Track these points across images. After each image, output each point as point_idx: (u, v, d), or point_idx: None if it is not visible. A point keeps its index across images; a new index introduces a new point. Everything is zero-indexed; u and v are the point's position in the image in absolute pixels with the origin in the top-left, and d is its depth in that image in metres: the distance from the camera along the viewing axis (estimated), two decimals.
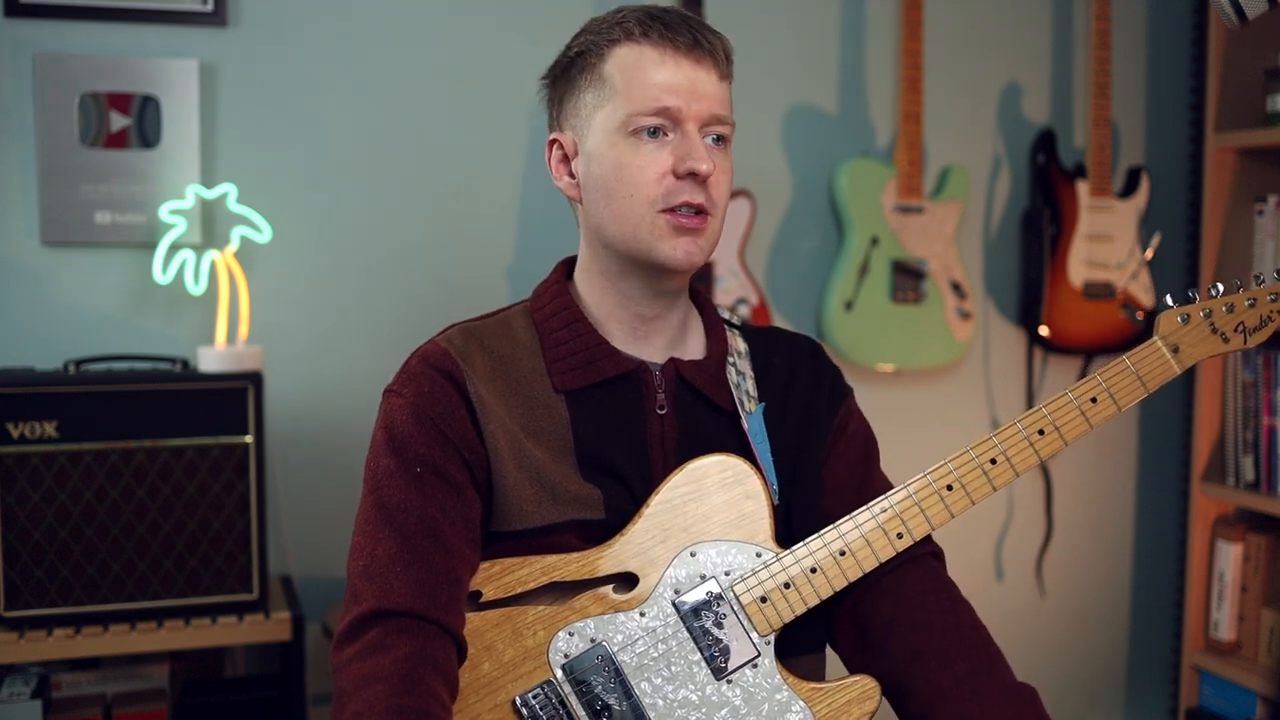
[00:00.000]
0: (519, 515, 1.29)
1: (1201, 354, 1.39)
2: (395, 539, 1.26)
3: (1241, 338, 1.39)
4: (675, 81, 1.29)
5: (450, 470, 1.29)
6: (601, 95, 1.31)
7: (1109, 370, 1.36)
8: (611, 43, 1.32)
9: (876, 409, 2.83)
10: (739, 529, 1.32)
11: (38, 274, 2.28)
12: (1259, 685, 2.60)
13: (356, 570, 1.27)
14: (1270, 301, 1.40)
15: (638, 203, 1.30)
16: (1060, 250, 2.82)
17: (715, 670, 1.29)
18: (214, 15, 2.33)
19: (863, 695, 1.31)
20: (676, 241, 1.30)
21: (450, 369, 1.32)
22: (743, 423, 1.37)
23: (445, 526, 1.27)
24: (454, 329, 1.38)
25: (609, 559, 1.30)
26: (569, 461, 1.32)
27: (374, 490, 1.30)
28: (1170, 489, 3.13)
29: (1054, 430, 1.35)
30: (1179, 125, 3.05)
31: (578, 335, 1.36)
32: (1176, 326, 1.38)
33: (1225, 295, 1.40)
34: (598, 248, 1.37)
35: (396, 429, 1.30)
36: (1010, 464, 1.34)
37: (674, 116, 1.29)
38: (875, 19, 2.77)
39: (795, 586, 1.31)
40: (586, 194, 1.35)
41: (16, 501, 2.01)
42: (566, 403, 1.34)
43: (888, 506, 1.33)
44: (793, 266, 2.75)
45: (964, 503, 1.34)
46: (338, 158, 2.44)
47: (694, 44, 1.30)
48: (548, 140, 1.39)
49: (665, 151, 1.30)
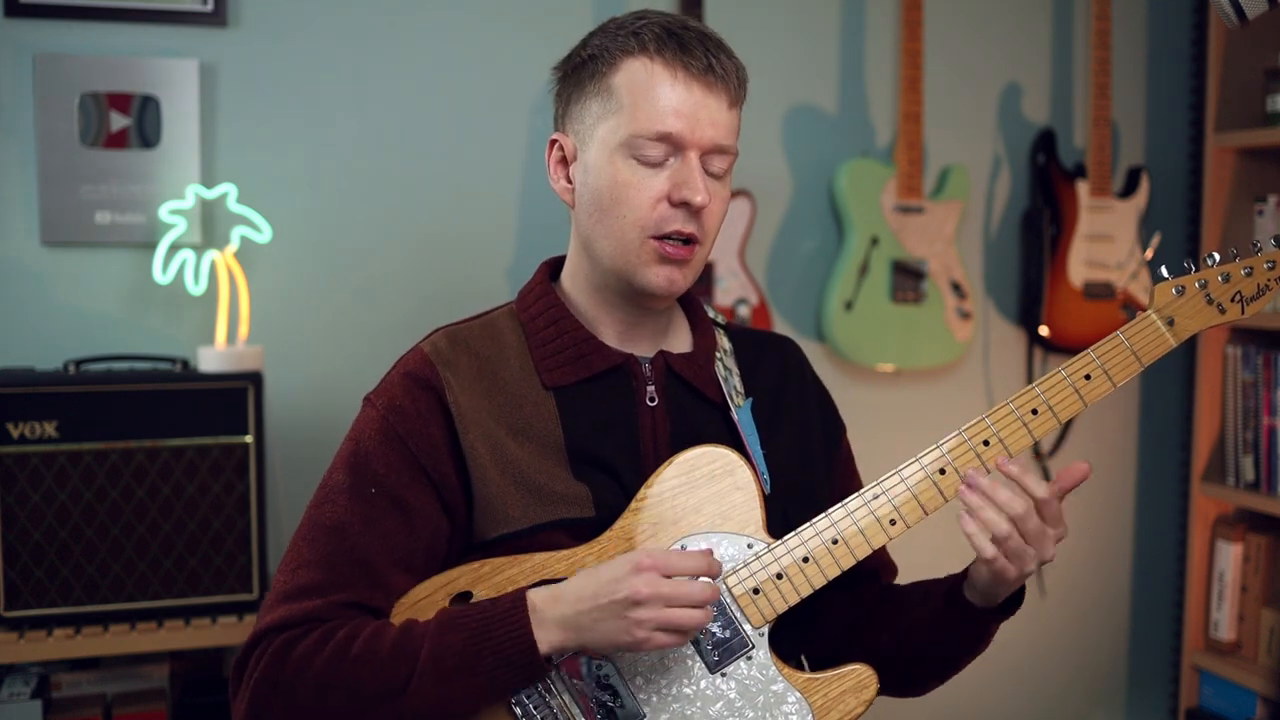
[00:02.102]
0: (504, 520, 1.29)
1: (1198, 325, 1.35)
2: (319, 566, 1.26)
3: (1239, 308, 1.35)
4: (682, 106, 1.27)
5: (406, 494, 1.29)
6: (607, 107, 1.30)
7: (1103, 346, 1.33)
8: (625, 53, 1.29)
9: (876, 409, 2.86)
10: (730, 520, 1.32)
11: (38, 274, 2.29)
12: (1259, 685, 2.60)
13: (275, 589, 1.28)
14: (1267, 269, 1.35)
15: (629, 225, 1.29)
16: (1060, 250, 2.82)
17: (709, 664, 1.29)
18: (214, 15, 2.33)
19: (859, 684, 1.31)
20: (660, 269, 1.30)
21: (429, 379, 1.32)
22: (732, 414, 1.37)
23: (377, 555, 1.27)
24: (439, 333, 1.38)
25: (599, 555, 1.30)
26: (559, 459, 1.31)
27: (318, 506, 1.31)
28: (1170, 489, 3.13)
29: (1047, 409, 1.32)
30: (1179, 125, 3.05)
31: (565, 332, 1.36)
32: (1171, 299, 1.34)
33: (1221, 265, 1.35)
34: (585, 255, 1.36)
35: (361, 444, 1.31)
36: (1004, 445, 1.32)
37: (676, 142, 1.28)
38: (875, 19, 2.77)
39: (788, 577, 1.30)
40: (580, 203, 1.34)
41: (16, 501, 2.01)
42: (555, 399, 1.34)
43: (880, 492, 1.31)
44: (793, 266, 2.75)
45: (957, 487, 1.32)
46: (338, 158, 2.44)
47: (707, 69, 1.28)
48: (549, 138, 1.37)
49: (663, 176, 1.28)
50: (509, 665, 1.20)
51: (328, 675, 1.21)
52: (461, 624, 1.21)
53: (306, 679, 1.21)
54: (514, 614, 1.20)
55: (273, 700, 1.22)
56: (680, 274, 1.31)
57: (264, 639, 1.24)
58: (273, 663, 1.22)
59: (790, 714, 1.29)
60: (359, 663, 1.21)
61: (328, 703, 1.21)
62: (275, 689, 1.22)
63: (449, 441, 1.30)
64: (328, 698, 1.21)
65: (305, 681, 1.21)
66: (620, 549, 1.29)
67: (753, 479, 1.32)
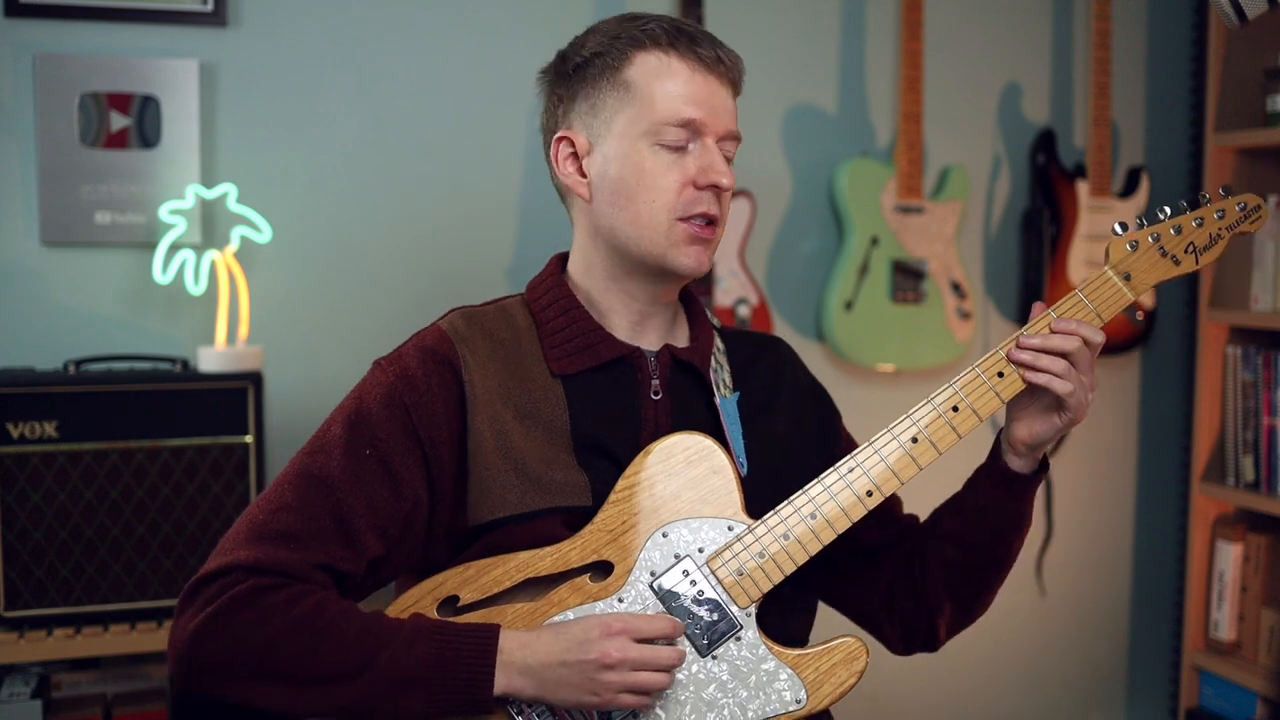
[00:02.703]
0: (500, 503, 1.31)
1: (1154, 279, 1.38)
2: (300, 514, 1.27)
3: (1193, 258, 1.39)
4: (699, 94, 1.34)
5: (397, 463, 1.30)
6: (624, 100, 1.34)
7: (1063, 304, 1.36)
8: (636, 48, 1.35)
9: (876, 409, 2.84)
10: (708, 504, 1.33)
11: (38, 274, 2.29)
12: (1259, 685, 2.60)
13: (250, 521, 1.28)
14: (1217, 219, 1.39)
15: (658, 209, 1.34)
16: (1060, 250, 2.83)
17: (699, 648, 1.30)
18: (214, 15, 2.33)
19: (849, 656, 1.32)
20: (690, 249, 1.35)
21: (447, 354, 1.34)
22: (715, 400, 1.40)
23: (359, 515, 1.28)
24: (455, 312, 1.41)
25: (581, 549, 1.31)
26: (564, 444, 1.33)
27: (310, 454, 1.32)
28: (1170, 489, 3.13)
29: (1014, 372, 1.35)
30: (1179, 125, 3.05)
31: (574, 322, 1.39)
32: (1126, 254, 1.38)
33: (1172, 218, 1.39)
34: (601, 247, 1.39)
35: (365, 403, 1.33)
36: (973, 410, 1.35)
37: (697, 128, 1.34)
38: (875, 19, 2.77)
39: (770, 556, 1.31)
40: (599, 195, 1.37)
41: (16, 501, 2.01)
42: (564, 386, 1.36)
43: (854, 465, 1.34)
44: (793, 266, 2.75)
45: (930, 454, 1.34)
46: (338, 158, 2.44)
47: (716, 60, 1.35)
48: (555, 137, 1.40)
49: (686, 161, 1.34)
50: (459, 695, 1.23)
51: (284, 637, 1.22)
52: (429, 640, 1.23)
53: (263, 632, 1.22)
54: (482, 648, 1.23)
55: (219, 636, 1.23)
56: (706, 254, 1.37)
57: (232, 573, 1.25)
58: (233, 603, 1.23)
59: (783, 690, 1.30)
60: (318, 638, 1.22)
61: (273, 663, 1.23)
62: (228, 628, 1.23)
63: (455, 419, 1.32)
64: (275, 658, 1.23)
65: (261, 634, 1.23)
66: (602, 541, 1.31)
67: (728, 463, 1.34)
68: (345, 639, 1.23)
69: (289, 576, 1.25)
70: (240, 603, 1.23)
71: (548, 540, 1.31)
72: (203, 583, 1.26)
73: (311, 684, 1.23)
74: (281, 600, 1.23)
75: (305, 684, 1.23)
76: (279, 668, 1.23)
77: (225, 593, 1.24)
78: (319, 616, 1.23)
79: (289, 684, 1.23)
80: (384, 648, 1.22)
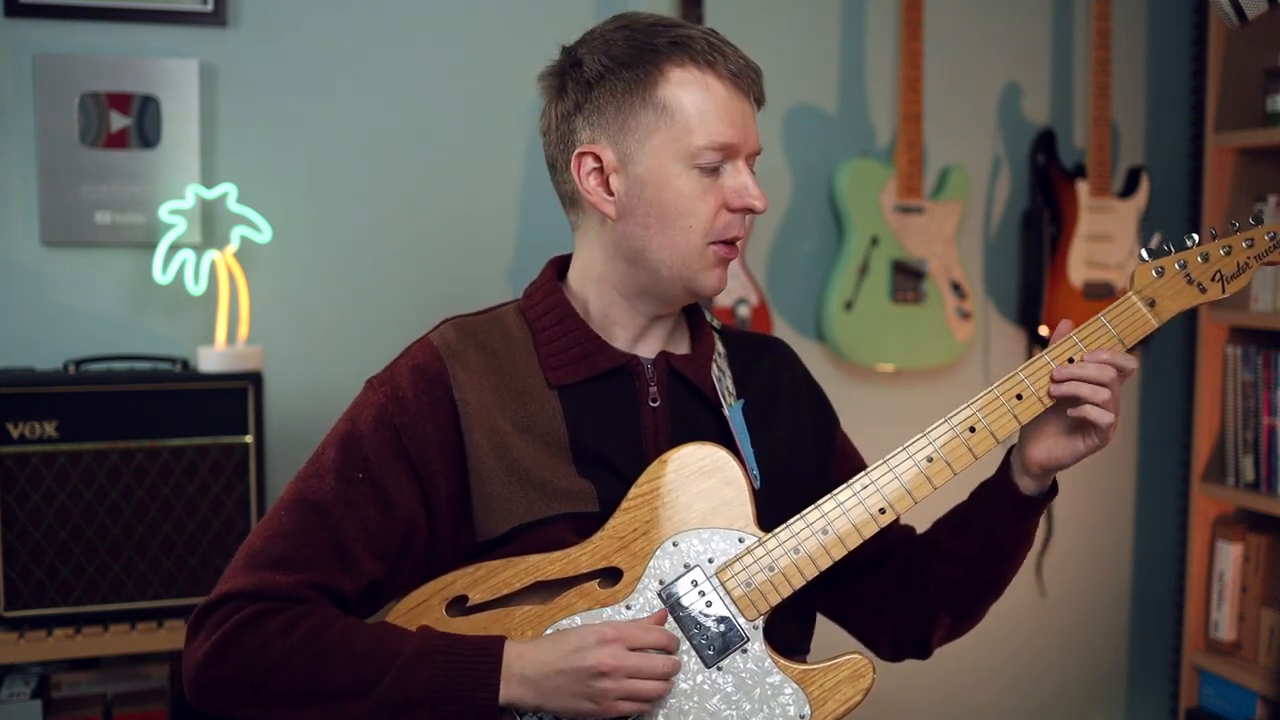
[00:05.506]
0: (506, 515, 1.30)
1: (1179, 306, 1.36)
2: (296, 539, 1.29)
3: (1219, 286, 1.36)
4: (735, 116, 1.32)
5: (390, 485, 1.30)
6: (660, 119, 1.30)
7: (1085, 329, 1.34)
8: (669, 62, 1.30)
9: (876, 409, 2.85)
10: (720, 515, 1.32)
11: (38, 274, 2.29)
12: (1259, 685, 2.60)
13: (249, 548, 1.30)
14: (1246, 248, 1.36)
15: (695, 234, 1.32)
16: (1060, 250, 2.83)
17: (705, 658, 1.29)
18: (214, 15, 2.33)
19: (855, 674, 1.31)
20: (716, 272, 1.35)
21: (438, 373, 1.33)
22: (724, 411, 1.39)
23: (353, 539, 1.30)
24: (448, 324, 1.39)
25: (591, 554, 1.30)
26: (563, 456, 1.32)
27: (305, 479, 1.33)
28: (1170, 489, 3.13)
29: (1033, 395, 1.33)
30: (1179, 125, 3.05)
31: (570, 331, 1.37)
32: (1151, 280, 1.35)
33: (1200, 245, 1.36)
34: (620, 265, 1.36)
35: (356, 426, 1.33)
36: (990, 432, 1.33)
37: (732, 151, 1.32)
38: (875, 19, 2.77)
39: (780, 569, 1.31)
40: (629, 215, 1.33)
41: (16, 501, 2.01)
42: (560, 398, 1.35)
43: (868, 482, 1.33)
44: (793, 266, 2.75)
45: (945, 474, 1.33)
46: (338, 158, 2.44)
47: (747, 77, 1.33)
48: (578, 151, 1.34)
49: (720, 183, 1.32)
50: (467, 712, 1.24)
51: (287, 659, 1.24)
52: (433, 660, 1.24)
53: (266, 656, 1.24)
54: (485, 667, 1.24)
55: (224, 663, 1.26)
56: (727, 273, 1.37)
57: (235, 600, 1.27)
58: (235, 629, 1.25)
59: (787, 705, 1.29)
60: (321, 659, 1.24)
61: (276, 684, 1.25)
62: (232, 654, 1.25)
63: (450, 437, 1.31)
64: (279, 680, 1.25)
65: (264, 658, 1.25)
66: (612, 548, 1.30)
67: (742, 474, 1.33)
68: (348, 660, 1.24)
69: (288, 599, 1.27)
70: (242, 628, 1.25)
71: (556, 546, 1.31)
72: (206, 611, 1.29)
73: (315, 703, 1.25)
74: (281, 624, 1.25)
75: (309, 704, 1.25)
76: (283, 689, 1.25)
77: (228, 620, 1.26)
78: (320, 637, 1.25)
79: (294, 705, 1.25)
80: (387, 670, 1.23)
